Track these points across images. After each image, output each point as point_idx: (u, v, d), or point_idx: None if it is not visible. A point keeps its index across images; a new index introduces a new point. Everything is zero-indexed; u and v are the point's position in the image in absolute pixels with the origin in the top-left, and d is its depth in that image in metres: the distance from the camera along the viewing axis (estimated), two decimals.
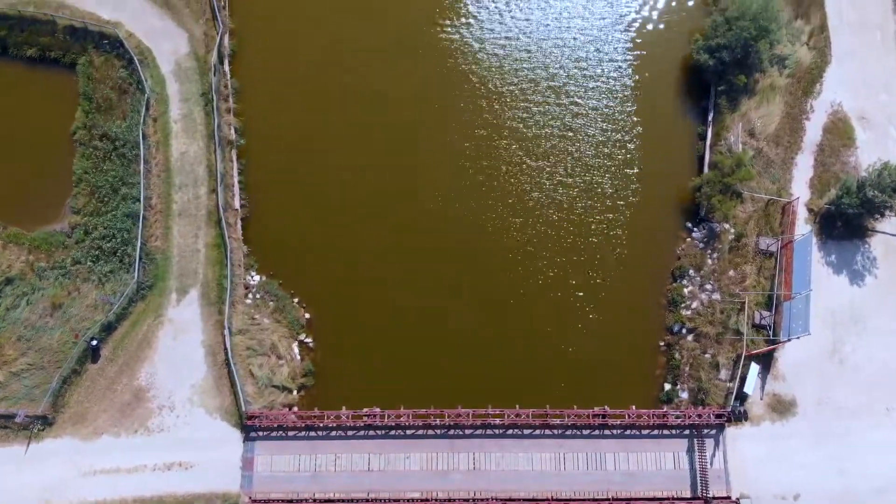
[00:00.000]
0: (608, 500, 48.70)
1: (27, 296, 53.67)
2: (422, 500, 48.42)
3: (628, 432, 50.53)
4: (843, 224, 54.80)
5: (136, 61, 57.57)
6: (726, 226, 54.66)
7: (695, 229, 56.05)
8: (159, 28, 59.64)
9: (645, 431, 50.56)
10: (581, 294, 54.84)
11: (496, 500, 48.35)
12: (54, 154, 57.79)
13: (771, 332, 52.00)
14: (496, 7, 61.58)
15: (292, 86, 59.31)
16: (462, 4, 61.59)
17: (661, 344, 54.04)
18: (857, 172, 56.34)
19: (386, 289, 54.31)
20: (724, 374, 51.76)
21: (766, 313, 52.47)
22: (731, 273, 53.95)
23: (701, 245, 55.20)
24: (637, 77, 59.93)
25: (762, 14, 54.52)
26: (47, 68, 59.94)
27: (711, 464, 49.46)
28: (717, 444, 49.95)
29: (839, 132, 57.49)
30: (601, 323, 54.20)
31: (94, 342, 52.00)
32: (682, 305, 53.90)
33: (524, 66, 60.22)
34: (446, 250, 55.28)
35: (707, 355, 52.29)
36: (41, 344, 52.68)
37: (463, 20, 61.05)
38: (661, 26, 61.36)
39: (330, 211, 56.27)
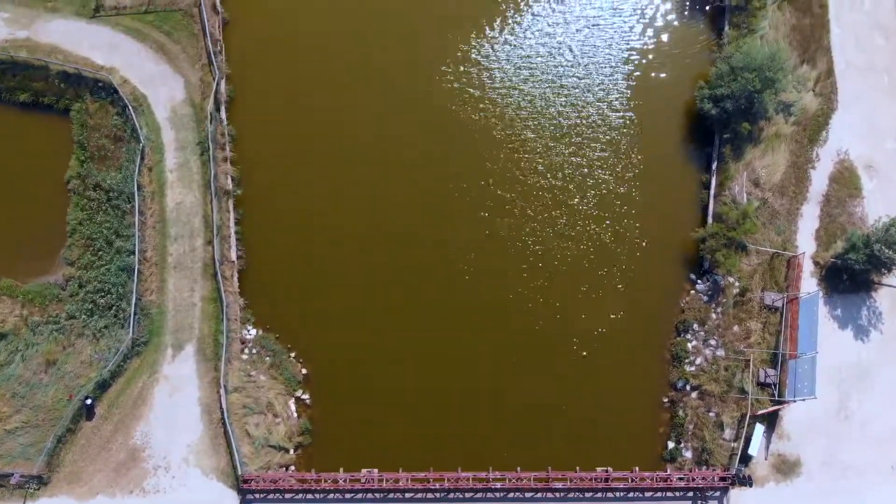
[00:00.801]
0: None
1: (21, 351, 53.06)
2: None
3: (631, 495, 49.77)
4: (849, 277, 53.92)
5: (131, 109, 56.59)
6: (731, 279, 53.79)
7: (699, 281, 55.17)
8: (155, 73, 58.64)
9: (648, 494, 49.79)
10: (584, 346, 53.93)
11: None
12: (48, 202, 56.94)
13: (776, 392, 51.18)
14: (496, 56, 60.31)
15: (290, 133, 58.32)
16: (467, 53, 60.27)
17: (665, 400, 53.23)
18: (864, 223, 55.50)
19: (385, 344, 53.48)
20: (728, 433, 51.00)
21: (771, 371, 51.66)
22: (736, 328, 53.14)
23: (705, 298, 54.33)
24: (640, 123, 58.85)
25: (768, 65, 53.51)
26: (41, 113, 58.96)
27: None
28: None
29: (845, 181, 56.57)
30: (604, 378, 53.38)
31: (89, 400, 51.25)
32: (686, 361, 53.07)
33: (525, 114, 59.10)
34: (446, 305, 54.43)
35: (711, 414, 51.52)
36: (36, 401, 52.00)
37: (465, 67, 59.91)
38: (664, 74, 60.08)
39: (327, 263, 55.41)
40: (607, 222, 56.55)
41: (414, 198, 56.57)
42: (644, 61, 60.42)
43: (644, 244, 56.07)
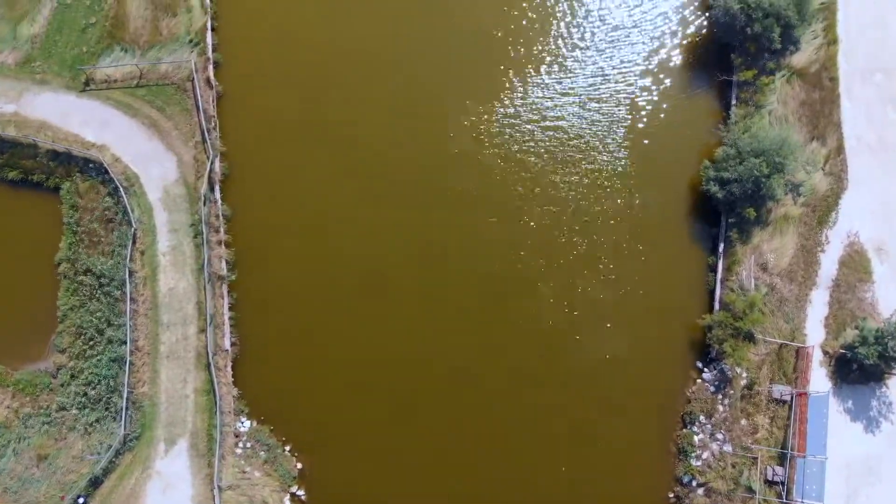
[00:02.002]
0: None
1: (13, 444, 51.87)
2: None
3: None
4: (859, 367, 52.56)
5: (122, 191, 55.14)
6: (738, 370, 52.43)
7: (705, 370, 53.83)
8: (147, 151, 57.16)
9: None
10: (588, 435, 52.63)
11: None
12: (38, 284, 55.67)
13: (784, 490, 49.93)
14: (498, 139, 58.69)
15: (287, 212, 56.82)
16: (473, 123, 58.76)
17: (671, 496, 51.94)
18: (874, 309, 54.18)
19: (383, 438, 52.17)
20: None
21: (779, 469, 50.42)
22: (744, 422, 51.85)
23: (712, 389, 53.00)
24: (644, 201, 57.23)
25: (776, 150, 52.01)
26: (30, 191, 57.56)
27: None
28: None
29: (855, 265, 55.15)
30: (609, 470, 52.05)
31: (81, 500, 50.08)
32: (693, 455, 51.76)
33: (525, 191, 57.59)
34: (450, 400, 53.08)
35: None
36: (28, 497, 50.87)
37: (471, 135, 58.36)
38: (669, 149, 58.46)
39: (324, 350, 54.03)
40: (614, 306, 54.99)
41: (417, 287, 54.99)
42: (648, 137, 58.69)
43: (649, 329, 54.57)
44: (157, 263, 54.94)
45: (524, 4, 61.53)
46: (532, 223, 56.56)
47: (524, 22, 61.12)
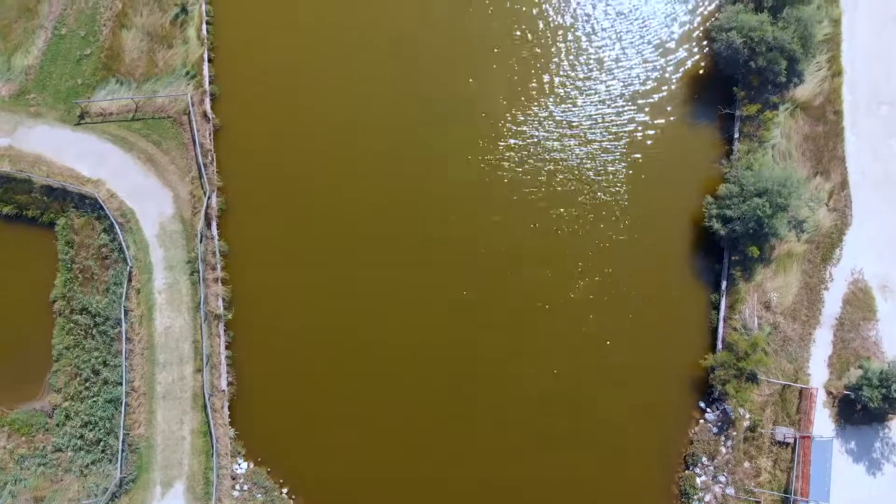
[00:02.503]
0: None
1: (9, 486, 51.42)
2: None
3: None
4: (863, 408, 51.98)
5: (118, 228, 54.47)
6: (741, 411, 51.85)
7: (708, 410, 53.29)
8: (143, 186, 56.43)
9: None
10: (589, 477, 52.13)
11: None
12: (34, 320, 55.18)
13: None
14: (497, 175, 58.09)
15: (284, 248, 56.22)
16: (471, 161, 58.06)
17: None
18: (878, 348, 53.58)
19: (383, 478, 51.61)
20: None
21: None
22: (746, 465, 51.32)
23: (715, 430, 52.46)
24: (645, 236, 56.51)
25: (781, 190, 51.30)
26: (25, 226, 56.87)
27: None
28: None
29: (859, 303, 54.51)
30: None
31: None
32: (695, 497, 51.23)
33: (530, 239, 56.84)
34: (450, 439, 52.56)
35: None
36: None
37: (471, 170, 57.70)
38: (671, 183, 57.71)
39: (320, 390, 53.53)
40: (617, 345, 54.37)
41: (417, 326, 54.33)
42: (649, 170, 57.91)
43: (651, 367, 53.97)
44: (153, 302, 54.26)
45: (528, 36, 60.62)
46: (532, 261, 55.75)
47: (524, 54, 60.27)
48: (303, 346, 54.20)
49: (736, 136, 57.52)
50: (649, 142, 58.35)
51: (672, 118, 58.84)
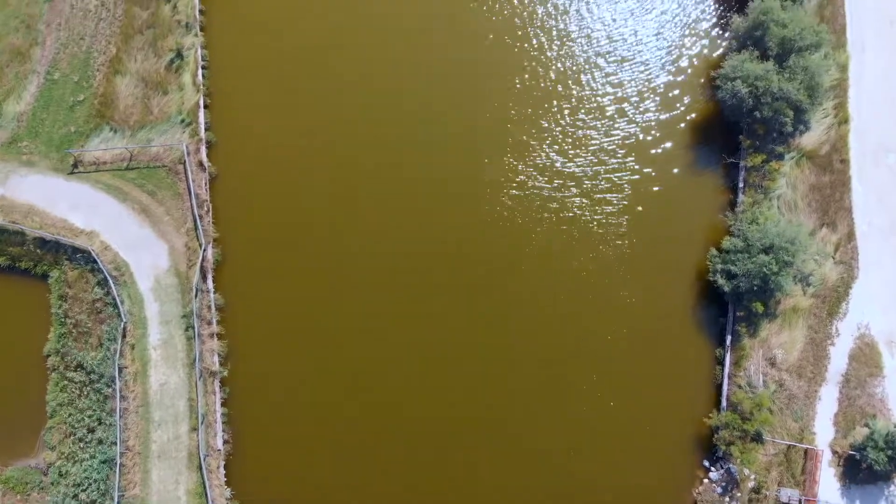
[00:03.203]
0: None
1: None
2: None
3: None
4: (868, 468, 51.18)
5: (112, 283, 53.57)
6: (746, 472, 51.06)
7: (712, 468, 52.48)
8: (138, 238, 55.52)
9: None
10: None
11: None
12: (27, 374, 54.58)
13: None
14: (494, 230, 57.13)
15: (281, 301, 55.29)
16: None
17: None
18: (884, 405, 52.78)
19: None
20: None
21: None
22: None
23: (719, 490, 51.70)
24: (648, 288, 55.59)
25: (787, 248, 50.38)
26: (18, 277, 56.05)
27: None
28: None
29: (866, 359, 53.66)
30: None
31: None
32: None
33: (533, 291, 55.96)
34: (450, 495, 51.76)
35: None
36: None
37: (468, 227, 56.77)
38: (674, 232, 56.79)
39: (319, 447, 52.68)
40: (620, 401, 53.53)
41: (416, 385, 53.49)
42: (652, 219, 56.90)
43: (655, 424, 53.14)
44: (147, 358, 53.41)
45: (528, 83, 59.59)
46: (532, 316, 54.87)
47: (526, 102, 59.22)
48: (301, 403, 53.42)
49: (741, 185, 56.54)
50: (655, 188, 57.37)
51: (675, 169, 57.83)
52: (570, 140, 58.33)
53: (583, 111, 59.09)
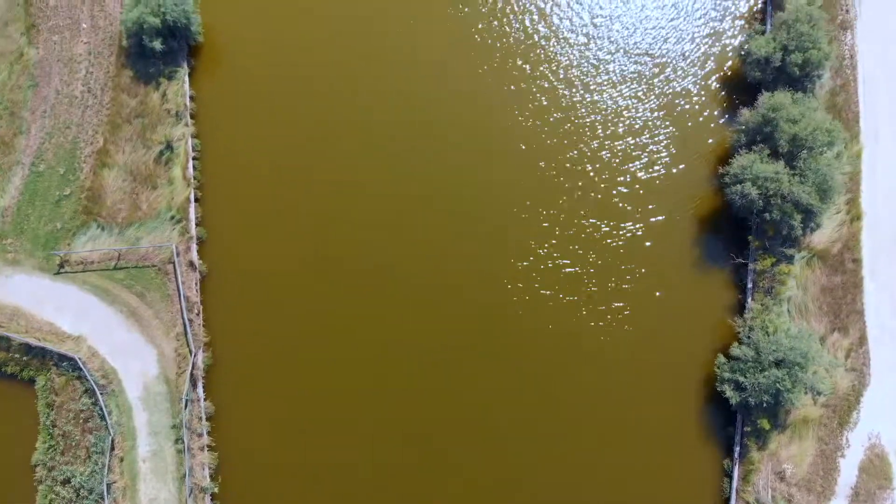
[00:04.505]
0: None
1: None
2: None
3: None
4: None
5: (98, 395, 51.90)
6: None
7: None
8: (126, 343, 53.81)
9: None
10: None
11: None
12: (14, 481, 53.12)
13: None
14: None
15: (273, 409, 53.67)
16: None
17: None
18: None
19: None
20: None
21: None
22: None
23: None
24: (653, 396, 53.93)
25: (801, 364, 48.65)
26: (5, 382, 54.53)
27: None
28: None
29: (876, 471, 52.08)
30: None
31: None
32: None
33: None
34: None
35: None
36: None
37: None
38: (680, 335, 54.96)
39: None
40: None
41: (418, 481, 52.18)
42: (657, 323, 55.11)
43: None
44: (136, 471, 51.86)
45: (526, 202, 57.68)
46: (534, 426, 53.26)
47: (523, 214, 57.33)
48: None
49: (749, 286, 54.69)
50: (657, 292, 55.49)
51: (681, 266, 55.92)
52: (575, 242, 56.35)
53: (586, 212, 57.08)
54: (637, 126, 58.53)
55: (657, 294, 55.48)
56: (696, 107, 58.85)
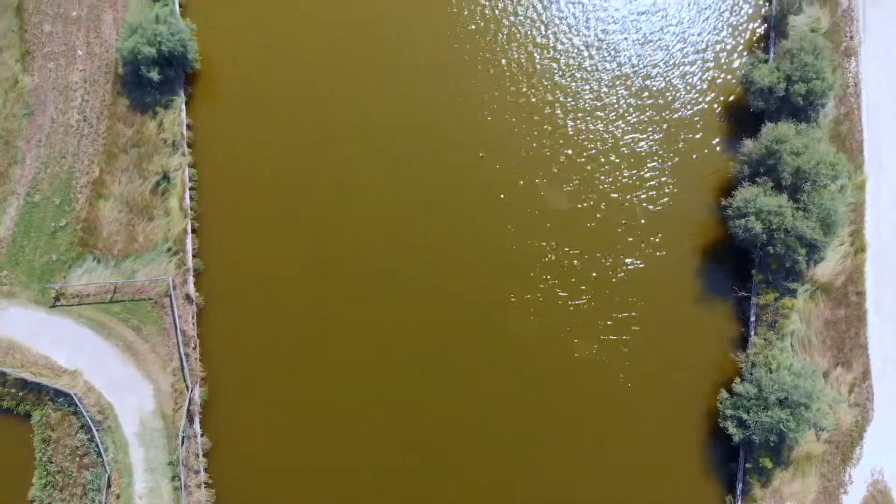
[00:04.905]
0: None
1: None
2: None
3: None
4: None
5: (94, 431, 51.41)
6: None
7: None
8: (122, 377, 53.30)
9: None
10: None
11: None
12: None
13: None
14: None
15: (270, 443, 53.14)
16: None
17: None
18: None
19: None
20: None
21: None
22: None
23: None
24: (653, 429, 53.44)
25: (806, 403, 48.15)
26: (1, 416, 53.89)
27: None
28: None
29: None
30: None
31: None
32: None
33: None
34: None
35: None
36: None
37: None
38: (683, 371, 54.44)
39: None
40: None
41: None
42: (659, 357, 54.55)
43: None
44: None
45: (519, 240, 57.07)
46: (532, 468, 52.79)
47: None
48: None
49: (752, 319, 54.13)
50: (656, 326, 54.86)
51: (684, 300, 55.28)
52: (575, 276, 55.78)
53: (586, 247, 56.53)
54: (641, 153, 57.90)
55: (659, 325, 54.79)
56: (699, 136, 58.15)
